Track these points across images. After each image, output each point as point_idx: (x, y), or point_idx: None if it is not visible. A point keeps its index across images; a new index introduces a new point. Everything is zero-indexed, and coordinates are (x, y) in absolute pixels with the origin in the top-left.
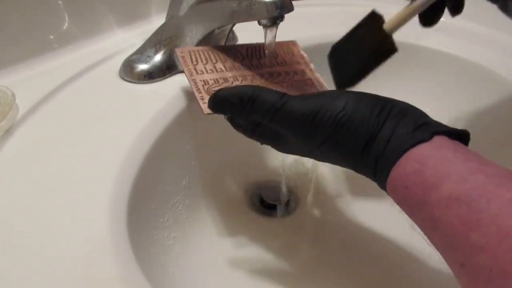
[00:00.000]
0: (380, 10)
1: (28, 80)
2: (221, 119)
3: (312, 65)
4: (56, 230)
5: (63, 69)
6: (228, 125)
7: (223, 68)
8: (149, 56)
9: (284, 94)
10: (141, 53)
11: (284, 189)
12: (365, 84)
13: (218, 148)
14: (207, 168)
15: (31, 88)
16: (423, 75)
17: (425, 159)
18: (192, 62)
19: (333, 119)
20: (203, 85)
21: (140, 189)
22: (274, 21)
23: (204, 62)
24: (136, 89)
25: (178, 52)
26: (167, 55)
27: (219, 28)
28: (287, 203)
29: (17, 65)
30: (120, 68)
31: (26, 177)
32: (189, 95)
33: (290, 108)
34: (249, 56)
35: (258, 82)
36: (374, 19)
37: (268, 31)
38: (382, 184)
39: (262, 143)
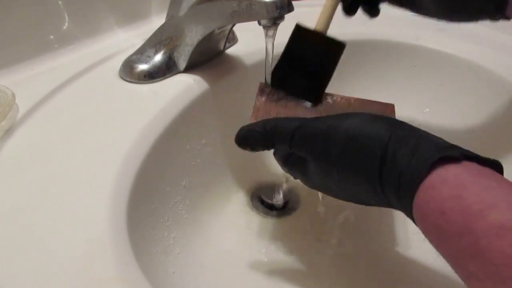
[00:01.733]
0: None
1: (28, 80)
2: (221, 119)
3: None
4: (56, 230)
5: (63, 69)
6: (228, 125)
7: (292, 107)
8: (149, 56)
9: (302, 119)
10: (141, 53)
11: (284, 189)
12: (365, 84)
13: (218, 148)
14: (207, 168)
15: (31, 88)
16: (423, 75)
17: (467, 184)
18: (267, 93)
19: (346, 133)
20: (263, 116)
21: (140, 189)
22: (274, 21)
23: (278, 99)
24: (136, 89)
25: (260, 84)
26: (167, 55)
27: (219, 28)
28: (287, 203)
29: (17, 65)
30: (120, 68)
31: (26, 177)
32: (189, 95)
33: (306, 128)
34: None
35: None
36: (300, 30)
37: (268, 31)
38: (407, 205)
39: (294, 177)
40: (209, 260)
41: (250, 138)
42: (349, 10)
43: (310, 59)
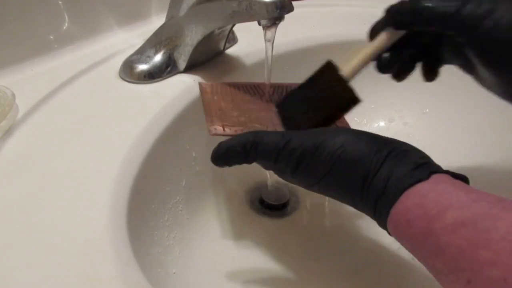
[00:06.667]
0: (376, 11)
1: (28, 80)
2: None
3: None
4: (56, 230)
5: (63, 69)
6: None
7: (241, 102)
8: (149, 56)
9: (284, 134)
10: (141, 53)
11: (284, 189)
12: (365, 84)
13: None
14: (207, 168)
15: (31, 88)
16: None
17: (426, 193)
18: (212, 93)
19: (332, 155)
20: (216, 113)
21: (140, 189)
22: (274, 21)
23: (224, 94)
24: (136, 89)
25: (200, 86)
26: (167, 55)
27: (219, 28)
28: (287, 204)
29: (17, 65)
30: (120, 68)
31: (26, 177)
32: (189, 95)
33: (292, 146)
34: (271, 93)
35: (273, 114)
36: (329, 69)
37: (268, 32)
38: (382, 223)
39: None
40: (208, 260)
41: (229, 157)
42: (402, 73)
43: (322, 98)
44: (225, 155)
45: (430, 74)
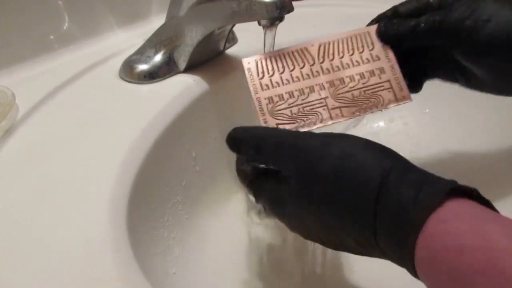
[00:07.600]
0: (377, 11)
1: (28, 80)
2: (221, 120)
3: (392, 55)
4: (56, 230)
5: (63, 69)
6: (227, 125)
7: (289, 80)
8: (149, 57)
9: (296, 133)
10: (141, 53)
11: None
12: None
13: (218, 148)
14: (207, 168)
15: (31, 88)
16: None
17: (487, 218)
18: (258, 75)
19: (341, 151)
20: (267, 104)
21: (140, 189)
22: (274, 21)
23: (270, 73)
24: (136, 89)
25: (244, 63)
26: (167, 56)
27: (219, 28)
28: None
29: (17, 65)
30: (120, 68)
31: (26, 177)
32: (189, 95)
33: (301, 144)
34: (320, 59)
35: (326, 93)
36: None
37: (268, 32)
38: (407, 244)
39: (257, 202)
40: (209, 261)
41: (242, 146)
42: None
43: None
44: (233, 143)
45: (415, 86)
